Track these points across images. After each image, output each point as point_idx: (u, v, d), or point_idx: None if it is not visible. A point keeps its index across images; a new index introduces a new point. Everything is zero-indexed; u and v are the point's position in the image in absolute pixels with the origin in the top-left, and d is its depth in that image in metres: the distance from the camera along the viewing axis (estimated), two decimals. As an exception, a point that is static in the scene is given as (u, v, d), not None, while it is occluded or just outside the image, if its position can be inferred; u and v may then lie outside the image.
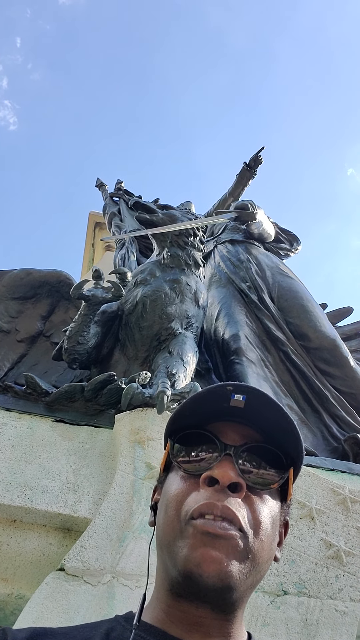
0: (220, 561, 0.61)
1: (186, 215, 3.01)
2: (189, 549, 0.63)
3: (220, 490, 0.65)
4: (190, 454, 0.71)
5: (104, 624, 0.69)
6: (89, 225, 6.39)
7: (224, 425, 0.72)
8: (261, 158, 4.63)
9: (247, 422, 0.72)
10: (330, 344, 3.21)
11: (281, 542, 0.77)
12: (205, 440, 0.71)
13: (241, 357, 3.03)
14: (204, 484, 0.66)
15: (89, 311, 2.50)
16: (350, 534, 1.88)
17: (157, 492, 0.79)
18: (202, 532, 0.63)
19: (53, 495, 1.89)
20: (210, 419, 0.73)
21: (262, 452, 0.70)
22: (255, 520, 0.66)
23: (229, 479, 0.65)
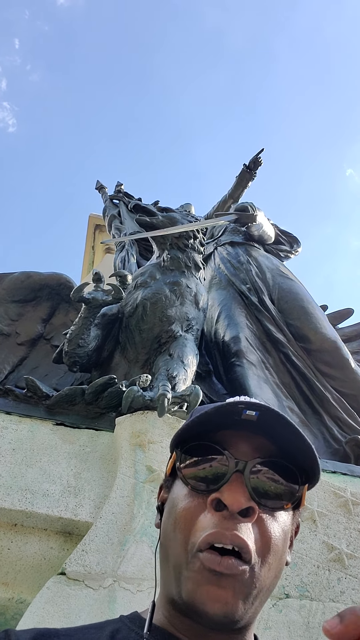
0: (226, 600, 0.59)
1: (186, 218, 3.01)
2: (194, 584, 0.61)
3: (229, 517, 0.61)
4: (198, 469, 0.66)
5: (109, 625, 0.68)
6: (89, 228, 6.40)
7: (235, 435, 0.67)
8: (261, 160, 4.64)
9: (260, 434, 0.67)
10: (330, 346, 3.21)
11: (291, 544, 0.73)
12: (214, 453, 0.66)
13: (242, 359, 3.03)
14: (211, 507, 0.62)
15: (90, 314, 2.49)
16: (352, 537, 1.87)
17: (162, 491, 0.75)
18: (208, 569, 0.60)
19: (54, 499, 1.88)
20: (220, 428, 0.67)
21: (276, 467, 0.66)
22: (265, 544, 0.63)
23: (239, 506, 0.60)
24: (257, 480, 0.64)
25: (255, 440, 0.67)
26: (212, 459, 0.66)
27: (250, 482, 0.63)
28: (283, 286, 3.50)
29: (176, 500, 0.67)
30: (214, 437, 0.67)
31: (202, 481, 0.65)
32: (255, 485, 0.63)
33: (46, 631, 0.66)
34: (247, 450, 0.66)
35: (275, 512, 0.65)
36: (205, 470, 0.65)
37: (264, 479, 0.64)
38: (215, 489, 0.63)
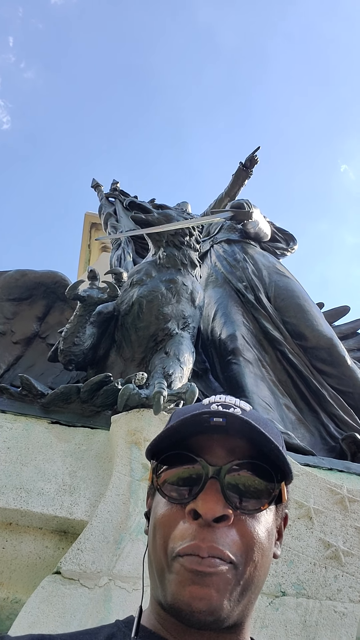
0: (209, 597, 0.60)
1: (182, 215, 3.00)
2: (176, 586, 0.61)
3: (205, 525, 0.62)
4: (174, 479, 0.67)
5: (105, 630, 0.68)
6: (84, 226, 6.38)
7: (210, 439, 0.67)
8: (257, 158, 4.64)
9: (232, 436, 0.67)
10: (327, 343, 3.21)
11: (280, 536, 0.75)
12: (188, 461, 0.66)
13: (238, 357, 3.02)
14: (189, 516, 0.63)
15: (85, 312, 2.48)
16: (349, 534, 1.87)
17: (149, 498, 0.76)
18: (189, 570, 0.61)
19: (49, 498, 1.87)
20: (195, 434, 0.68)
21: (251, 467, 0.66)
22: (246, 544, 0.63)
23: (213, 515, 0.62)
24: (233, 483, 0.65)
25: (230, 443, 0.67)
26: (187, 467, 0.66)
27: (226, 486, 0.64)
28: (279, 284, 3.49)
29: (156, 509, 0.68)
30: (189, 443, 0.68)
31: (178, 491, 0.66)
32: (231, 490, 0.64)
33: (41, 637, 0.66)
34: (221, 454, 0.66)
35: (255, 513, 0.66)
36: (181, 479, 0.66)
37: (239, 481, 0.65)
38: (191, 498, 0.64)
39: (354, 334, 3.88)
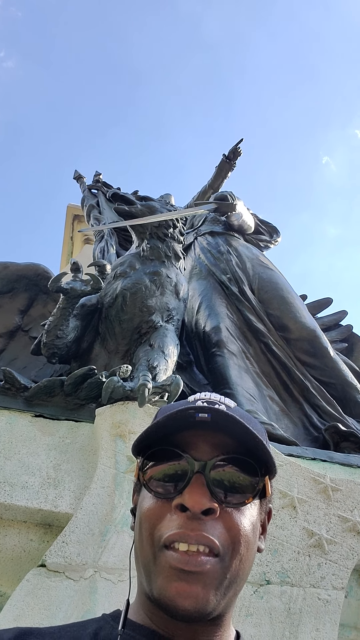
0: (195, 595, 0.61)
1: (165, 207, 2.99)
2: (163, 580, 0.62)
3: (192, 517, 0.63)
4: (160, 475, 0.68)
5: (92, 624, 0.69)
6: (67, 218, 6.32)
7: (195, 434, 0.68)
8: (240, 150, 4.64)
9: (216, 431, 0.68)
10: (310, 335, 3.23)
11: (264, 531, 0.76)
12: (174, 457, 0.67)
13: (222, 349, 3.03)
14: (176, 509, 0.64)
15: (68, 304, 2.46)
16: (332, 522, 1.89)
17: (135, 494, 0.77)
18: (175, 567, 0.61)
19: (33, 491, 1.86)
20: (180, 430, 0.69)
21: (236, 462, 0.67)
22: (232, 537, 0.65)
23: (200, 507, 0.63)
24: (218, 478, 0.66)
25: (215, 438, 0.68)
26: (172, 463, 0.67)
27: (211, 482, 0.65)
28: (263, 276, 3.50)
29: (143, 504, 0.69)
30: (175, 439, 0.68)
31: (164, 487, 0.67)
32: (216, 484, 0.65)
33: (29, 630, 0.67)
34: (207, 449, 0.67)
35: (240, 507, 0.67)
36: (167, 474, 0.67)
37: (224, 476, 0.66)
38: (177, 493, 0.65)
39: (336, 325, 3.92)
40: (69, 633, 0.67)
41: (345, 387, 3.14)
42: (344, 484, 2.02)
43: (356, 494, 1.99)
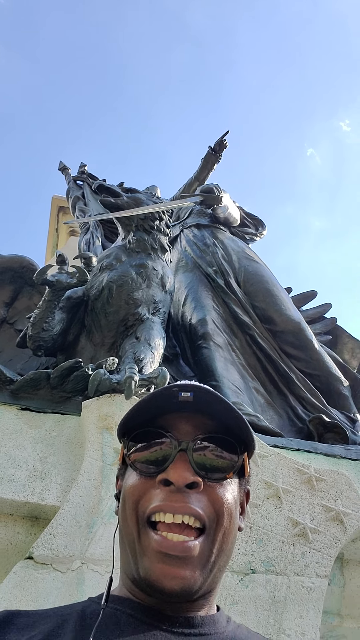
0: (182, 576, 0.63)
1: (152, 199, 2.98)
2: (148, 561, 0.64)
3: (176, 491, 0.65)
4: (145, 454, 0.70)
5: (79, 604, 0.71)
6: (52, 210, 6.26)
7: (176, 417, 0.72)
8: (226, 142, 4.64)
9: (198, 412, 0.72)
10: (295, 328, 3.26)
11: (243, 511, 0.79)
12: (158, 437, 0.70)
13: (208, 341, 3.05)
14: (160, 484, 0.67)
15: (54, 297, 2.45)
16: (316, 512, 1.92)
17: (119, 480, 0.79)
18: (157, 551, 0.63)
19: (20, 484, 1.86)
20: (162, 413, 0.72)
21: (216, 441, 0.71)
22: (217, 509, 0.67)
23: (184, 481, 0.65)
24: (200, 456, 0.69)
25: (196, 419, 0.72)
26: (157, 443, 0.70)
27: (194, 459, 0.68)
28: (249, 269, 3.52)
29: (127, 483, 0.72)
30: (158, 422, 0.72)
31: (149, 465, 0.69)
32: (198, 461, 0.68)
33: (17, 612, 0.69)
34: (188, 429, 0.71)
35: (221, 482, 0.70)
36: (152, 454, 0.70)
37: (206, 454, 0.69)
38: (161, 470, 0.67)
39: (321, 318, 3.96)
40: (57, 612, 0.69)
41: (330, 379, 3.18)
42: (327, 474, 2.05)
43: (340, 484, 2.02)
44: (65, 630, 0.63)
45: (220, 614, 0.71)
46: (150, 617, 0.65)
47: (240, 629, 0.71)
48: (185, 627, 0.64)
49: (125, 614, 0.65)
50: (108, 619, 0.64)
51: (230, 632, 0.68)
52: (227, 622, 0.70)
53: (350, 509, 1.94)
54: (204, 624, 0.66)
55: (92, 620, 0.64)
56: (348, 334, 3.91)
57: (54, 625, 0.64)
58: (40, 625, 0.65)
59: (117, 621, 0.64)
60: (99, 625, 0.62)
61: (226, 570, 1.66)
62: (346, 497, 1.98)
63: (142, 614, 0.65)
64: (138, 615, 0.65)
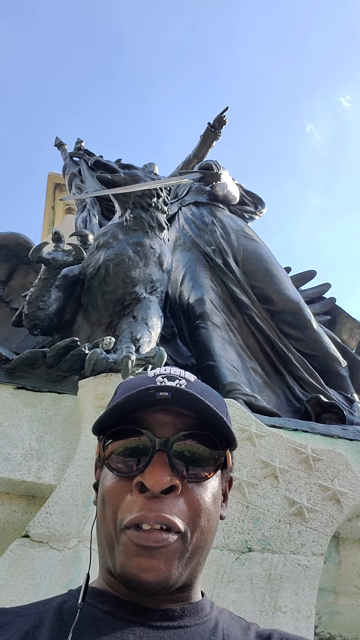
0: (158, 568, 0.61)
1: (149, 176, 2.92)
2: (124, 557, 0.63)
3: (152, 498, 0.63)
4: (121, 453, 0.67)
5: (57, 599, 0.70)
6: (48, 187, 6.17)
7: (154, 412, 0.68)
8: (225, 119, 4.55)
9: (177, 407, 0.68)
10: (293, 308, 3.24)
11: (226, 499, 0.77)
12: (135, 434, 0.67)
13: (206, 321, 3.02)
14: (136, 489, 0.64)
15: (50, 275, 2.41)
16: (312, 491, 1.93)
17: (97, 470, 0.77)
18: (136, 543, 0.62)
19: (16, 463, 1.85)
20: (141, 408, 0.68)
21: (197, 438, 0.67)
22: (193, 512, 0.65)
23: (160, 487, 0.63)
24: (179, 450, 0.66)
25: (175, 413, 0.68)
26: (134, 440, 0.67)
27: (172, 454, 0.65)
28: (247, 248, 3.48)
29: (104, 481, 0.69)
30: (135, 417, 0.68)
31: (125, 463, 0.67)
32: (177, 456, 0.65)
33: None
34: (167, 424, 0.67)
35: (202, 482, 0.67)
36: (127, 450, 0.67)
37: (185, 448, 0.66)
38: (138, 471, 0.65)
39: (319, 298, 3.94)
40: (34, 609, 0.67)
41: (328, 359, 3.17)
42: (324, 454, 2.05)
43: (337, 463, 2.02)
44: (42, 630, 0.62)
45: (203, 602, 0.70)
46: (128, 613, 0.64)
47: (222, 614, 0.70)
48: (164, 620, 0.64)
49: (102, 611, 0.64)
50: (85, 617, 0.63)
51: (212, 621, 0.67)
52: (211, 609, 0.69)
53: (347, 489, 1.94)
54: (183, 615, 0.65)
55: (69, 618, 0.63)
56: (347, 314, 3.89)
57: (31, 624, 0.63)
58: (17, 625, 0.64)
59: (94, 618, 0.63)
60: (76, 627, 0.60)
61: (222, 548, 1.67)
62: (343, 477, 1.98)
63: (120, 610, 0.64)
64: (115, 612, 0.64)
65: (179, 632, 0.63)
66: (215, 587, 1.62)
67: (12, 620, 0.65)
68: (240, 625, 0.69)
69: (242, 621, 0.71)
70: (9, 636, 0.61)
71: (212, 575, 1.62)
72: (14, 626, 0.63)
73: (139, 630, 0.62)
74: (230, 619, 0.70)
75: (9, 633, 0.62)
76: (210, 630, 0.65)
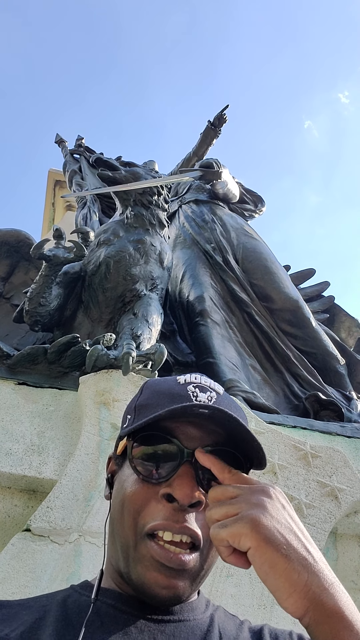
0: (175, 587, 0.62)
1: (150, 173, 2.93)
2: (143, 569, 0.63)
3: (179, 509, 0.63)
4: (149, 459, 0.67)
5: (60, 593, 0.71)
6: (48, 184, 6.17)
7: (185, 424, 0.68)
8: (225, 117, 4.56)
9: (208, 421, 0.67)
10: (293, 306, 3.25)
11: None
12: (164, 442, 0.67)
13: (206, 318, 3.04)
14: (163, 499, 0.64)
15: (51, 272, 2.42)
16: (311, 488, 1.94)
17: (112, 463, 0.77)
18: (156, 560, 0.62)
19: (17, 458, 1.86)
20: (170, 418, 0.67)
21: (223, 455, 0.66)
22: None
23: (190, 501, 0.63)
24: (206, 469, 0.65)
25: (205, 428, 0.68)
26: (162, 448, 0.67)
27: (199, 472, 0.65)
28: (247, 246, 3.49)
29: (126, 483, 0.68)
30: (164, 426, 0.67)
31: (152, 472, 0.66)
32: (203, 475, 0.65)
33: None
34: (196, 438, 0.67)
35: None
36: (156, 459, 0.67)
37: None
38: (165, 480, 0.65)
39: (318, 296, 3.96)
40: (38, 602, 0.69)
41: (326, 357, 3.19)
42: (323, 450, 2.07)
43: (335, 460, 2.04)
44: (46, 622, 0.63)
45: (200, 599, 0.72)
46: (130, 607, 0.66)
47: (217, 612, 0.72)
48: (165, 615, 0.66)
49: (106, 604, 0.66)
50: (87, 609, 0.65)
51: (207, 618, 0.69)
52: (206, 607, 0.71)
53: (345, 485, 1.96)
54: (183, 610, 0.67)
55: (73, 611, 0.64)
56: (345, 313, 3.91)
57: (36, 617, 0.64)
58: (22, 617, 0.65)
59: (98, 612, 0.65)
60: (86, 620, 0.62)
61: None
62: (341, 474, 2.00)
63: (123, 604, 0.66)
64: (118, 606, 0.66)
65: (179, 625, 0.65)
66: (214, 582, 1.64)
67: (16, 612, 0.66)
68: (234, 621, 0.72)
69: (236, 618, 0.73)
70: (15, 627, 0.63)
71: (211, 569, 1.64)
72: (19, 618, 0.65)
73: (141, 623, 0.64)
74: (225, 616, 0.72)
75: (15, 624, 0.63)
76: (208, 624, 0.67)
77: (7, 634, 0.62)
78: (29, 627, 0.62)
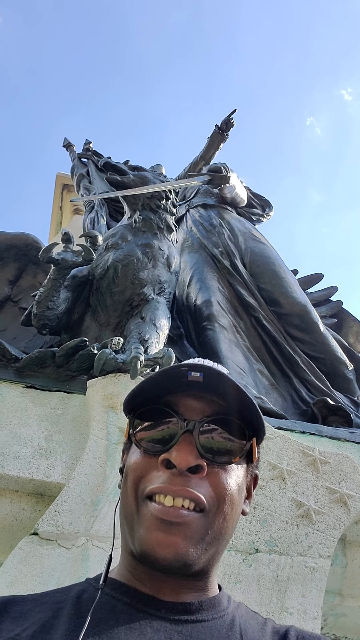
0: (175, 545, 0.62)
1: (158, 177, 2.94)
2: (144, 530, 0.64)
3: (178, 474, 0.64)
4: (150, 432, 0.69)
5: (75, 587, 0.70)
6: (56, 187, 6.19)
7: (184, 395, 0.70)
8: (233, 121, 4.56)
9: (207, 393, 0.70)
10: (301, 310, 3.24)
11: (250, 495, 0.78)
12: (164, 416, 0.69)
13: (213, 323, 3.03)
14: (162, 465, 0.65)
15: (59, 275, 2.43)
16: (320, 494, 1.93)
17: (124, 454, 0.78)
18: (156, 517, 0.63)
19: (25, 461, 1.86)
20: (170, 391, 0.70)
21: (224, 423, 0.69)
22: (218, 495, 0.66)
23: (187, 464, 0.64)
24: (207, 438, 0.67)
25: (204, 399, 0.70)
26: (163, 422, 0.69)
27: (200, 441, 0.66)
28: (255, 250, 3.48)
29: (130, 458, 0.71)
30: (164, 400, 0.70)
31: (154, 443, 0.68)
32: (204, 443, 0.67)
33: (12, 598, 0.68)
34: (196, 409, 0.69)
35: (227, 466, 0.68)
36: (157, 433, 0.68)
37: (213, 436, 0.68)
38: (165, 449, 0.66)
39: (326, 301, 3.94)
40: (52, 598, 0.68)
41: (334, 362, 3.17)
42: (332, 456, 2.05)
43: (344, 466, 2.02)
44: (60, 620, 0.62)
45: (221, 595, 0.70)
46: (146, 605, 0.64)
47: (239, 609, 0.70)
48: (182, 614, 0.64)
49: (122, 602, 0.65)
50: (104, 607, 0.63)
51: (229, 616, 0.67)
52: (228, 604, 0.70)
53: (354, 492, 1.94)
54: (201, 609, 0.66)
55: (87, 608, 0.63)
56: (353, 317, 3.89)
57: (49, 614, 0.64)
58: (35, 614, 0.64)
59: (113, 609, 0.64)
60: (94, 612, 0.61)
61: (230, 549, 1.68)
62: (350, 480, 1.98)
63: (139, 602, 0.65)
64: (134, 604, 0.65)
65: (196, 626, 0.63)
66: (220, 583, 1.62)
67: (30, 609, 0.65)
68: (256, 620, 0.69)
69: (259, 616, 0.71)
70: (26, 627, 0.62)
71: (220, 575, 1.63)
72: (32, 616, 0.64)
73: (157, 623, 0.62)
74: (247, 614, 0.70)
75: (27, 623, 0.62)
76: (227, 624, 0.65)
77: (18, 634, 0.61)
78: (41, 626, 0.61)
